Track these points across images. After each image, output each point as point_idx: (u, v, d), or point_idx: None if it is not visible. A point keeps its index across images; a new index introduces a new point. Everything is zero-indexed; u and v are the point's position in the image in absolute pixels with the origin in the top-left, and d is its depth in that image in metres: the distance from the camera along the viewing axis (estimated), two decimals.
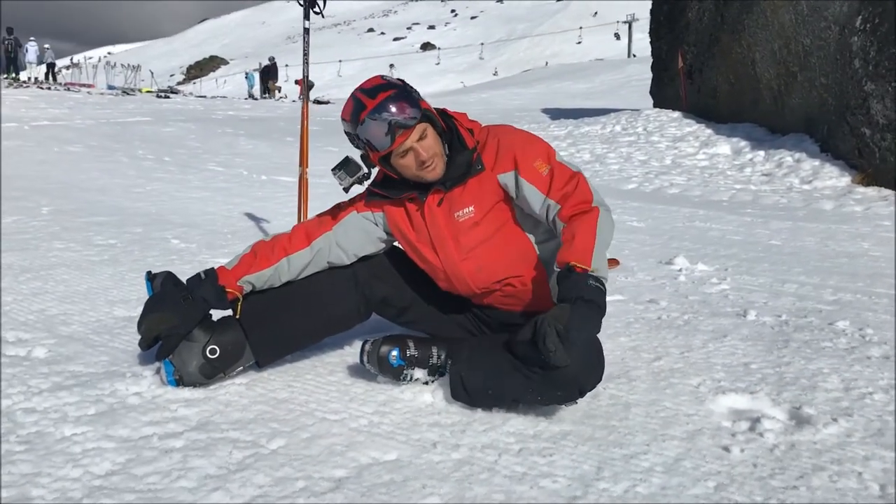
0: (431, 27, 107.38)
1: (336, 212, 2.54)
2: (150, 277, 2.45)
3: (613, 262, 4.44)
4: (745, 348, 2.90)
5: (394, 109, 2.21)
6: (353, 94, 2.29)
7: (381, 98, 2.22)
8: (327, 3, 3.96)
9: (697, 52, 13.00)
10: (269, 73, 35.03)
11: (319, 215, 2.57)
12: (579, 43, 71.71)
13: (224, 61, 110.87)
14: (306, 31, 4.08)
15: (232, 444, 2.00)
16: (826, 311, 3.45)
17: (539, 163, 2.33)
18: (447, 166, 2.36)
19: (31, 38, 31.46)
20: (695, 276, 4.19)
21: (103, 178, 7.55)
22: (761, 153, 9.57)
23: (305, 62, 4.18)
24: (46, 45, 31.75)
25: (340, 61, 66.61)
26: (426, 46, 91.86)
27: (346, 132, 2.34)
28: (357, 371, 2.51)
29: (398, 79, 2.35)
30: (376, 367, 2.38)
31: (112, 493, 1.74)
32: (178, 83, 78.79)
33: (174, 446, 1.97)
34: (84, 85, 30.50)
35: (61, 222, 5.02)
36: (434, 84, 61.19)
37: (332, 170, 2.45)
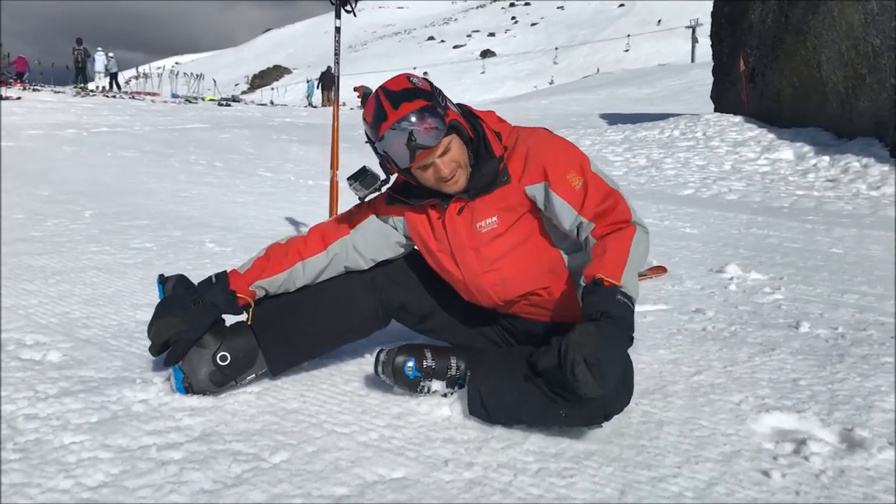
0: (491, 34, 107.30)
1: (354, 215, 2.42)
2: (162, 281, 2.38)
3: (661, 270, 4.26)
4: (795, 363, 2.69)
5: (417, 125, 2.03)
6: (376, 94, 2.13)
7: (404, 111, 2.04)
8: (360, 3, 3.87)
9: (760, 54, 12.61)
10: (326, 82, 35.40)
11: (337, 218, 2.45)
12: (626, 51, 70.98)
13: (287, 70, 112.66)
14: (337, 30, 3.99)
15: (232, 456, 1.90)
16: (888, 323, 3.21)
17: (572, 175, 2.16)
18: (472, 176, 2.21)
19: (99, 49, 32.40)
20: (747, 284, 3.96)
21: (152, 182, 7.62)
22: (826, 158, 9.19)
23: (336, 62, 4.09)
24: (111, 55, 32.58)
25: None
26: (486, 54, 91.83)
27: (365, 133, 2.21)
28: (374, 382, 2.39)
29: (424, 79, 2.19)
30: (391, 378, 2.26)
31: None
32: (243, 92, 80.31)
33: (172, 458, 1.88)
34: (149, 94, 31.21)
35: (101, 225, 5.03)
36: (495, 91, 61.11)
37: (348, 179, 2.33)
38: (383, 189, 2.37)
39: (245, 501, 1.70)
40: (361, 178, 2.29)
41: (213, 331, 2.30)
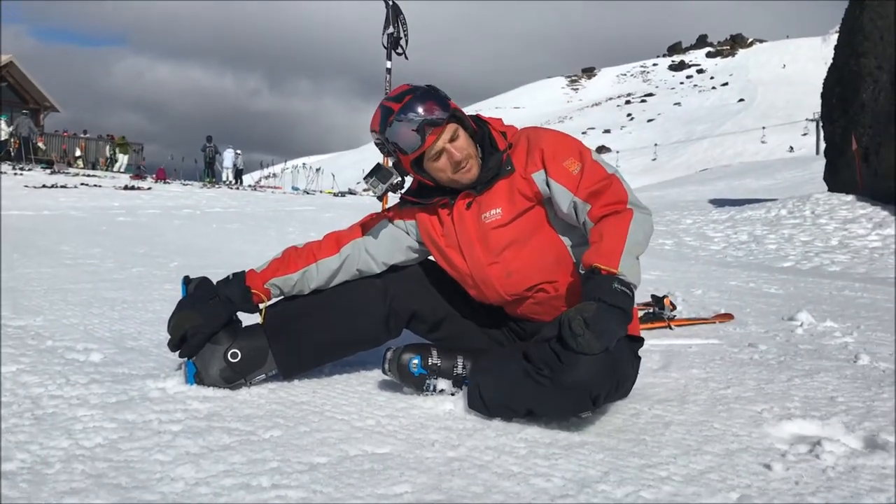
0: (607, 131, 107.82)
1: (368, 220, 2.51)
2: (187, 281, 2.50)
3: (727, 317, 4.11)
4: (839, 384, 2.53)
5: (421, 109, 2.17)
6: (380, 104, 2.27)
7: (407, 99, 2.20)
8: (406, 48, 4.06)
9: (874, 132, 12.20)
10: None
11: (353, 224, 2.54)
12: (764, 142, 69.81)
13: None
14: (388, 70, 4.18)
15: (227, 432, 1.95)
16: None
17: (570, 161, 2.20)
18: (480, 169, 2.28)
19: (229, 146, 34.42)
20: (816, 330, 3.74)
21: (245, 246, 7.96)
22: None
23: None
24: (238, 152, 34.49)
25: None
26: (601, 149, 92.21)
27: (375, 143, 2.32)
28: (389, 385, 2.40)
29: (426, 84, 2.31)
30: (397, 376, 2.28)
31: (86, 460, 1.72)
32: (364, 189, 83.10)
33: (170, 429, 1.94)
34: (271, 187, 32.75)
35: (182, 272, 5.26)
36: None
37: (365, 178, 2.41)
38: (399, 193, 2.44)
39: (223, 462, 1.73)
40: (377, 172, 2.35)
41: (227, 330, 2.38)
